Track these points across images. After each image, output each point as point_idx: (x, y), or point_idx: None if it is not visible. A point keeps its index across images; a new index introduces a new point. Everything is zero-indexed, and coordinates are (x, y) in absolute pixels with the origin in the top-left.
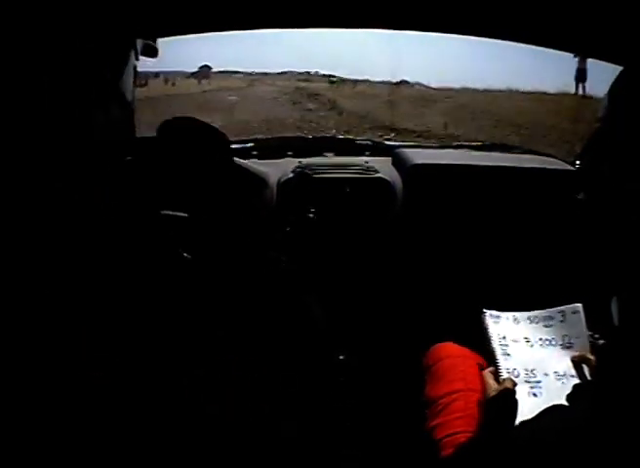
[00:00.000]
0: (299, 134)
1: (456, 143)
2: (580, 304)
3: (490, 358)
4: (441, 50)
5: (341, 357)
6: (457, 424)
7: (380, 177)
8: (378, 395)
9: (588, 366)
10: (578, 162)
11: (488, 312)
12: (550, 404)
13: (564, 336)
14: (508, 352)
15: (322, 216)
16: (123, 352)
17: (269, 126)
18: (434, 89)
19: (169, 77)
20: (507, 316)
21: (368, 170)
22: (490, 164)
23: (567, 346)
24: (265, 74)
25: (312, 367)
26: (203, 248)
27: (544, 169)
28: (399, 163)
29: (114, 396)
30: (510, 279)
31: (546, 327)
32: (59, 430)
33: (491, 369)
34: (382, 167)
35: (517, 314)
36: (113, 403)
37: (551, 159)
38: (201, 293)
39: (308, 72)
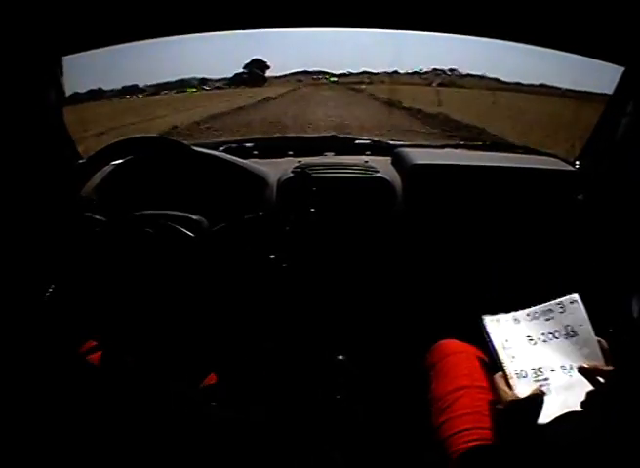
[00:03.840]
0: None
1: (456, 143)
2: (576, 294)
3: (495, 362)
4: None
5: (341, 357)
6: (464, 421)
7: (379, 177)
8: (382, 394)
9: (602, 376)
10: (578, 162)
11: (487, 317)
12: (560, 400)
13: (566, 326)
14: (513, 354)
15: (322, 216)
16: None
17: None
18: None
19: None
20: (507, 318)
21: (368, 169)
22: (490, 164)
23: (571, 335)
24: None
25: (312, 366)
26: (205, 247)
27: (544, 169)
28: (399, 162)
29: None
30: (510, 279)
31: (547, 320)
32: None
33: (501, 373)
34: (382, 166)
35: (516, 314)
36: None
37: (551, 159)
38: (202, 290)
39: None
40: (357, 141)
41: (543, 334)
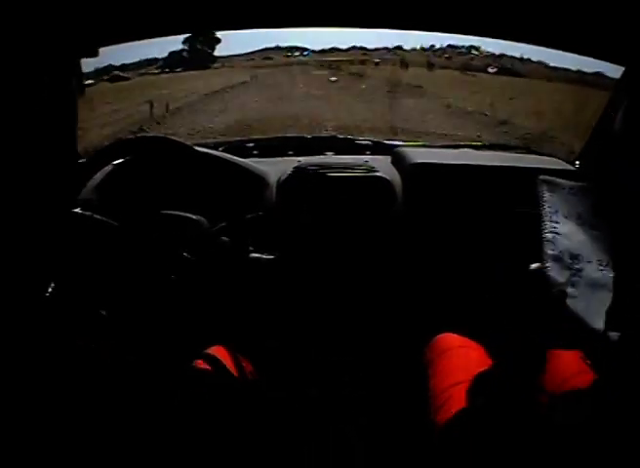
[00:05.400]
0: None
1: (456, 143)
2: None
3: (540, 233)
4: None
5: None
6: None
7: (379, 176)
8: (382, 391)
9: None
10: (578, 162)
11: (544, 178)
12: (583, 297)
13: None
14: (558, 231)
15: (321, 215)
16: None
17: None
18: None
19: None
20: (564, 184)
21: (368, 169)
22: (490, 164)
23: (619, 230)
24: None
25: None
26: (204, 248)
27: (545, 169)
28: (399, 162)
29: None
30: (510, 278)
31: (596, 204)
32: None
33: (538, 264)
34: (382, 166)
35: (573, 184)
36: None
37: (552, 159)
38: (200, 292)
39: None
40: (357, 141)
41: (594, 218)
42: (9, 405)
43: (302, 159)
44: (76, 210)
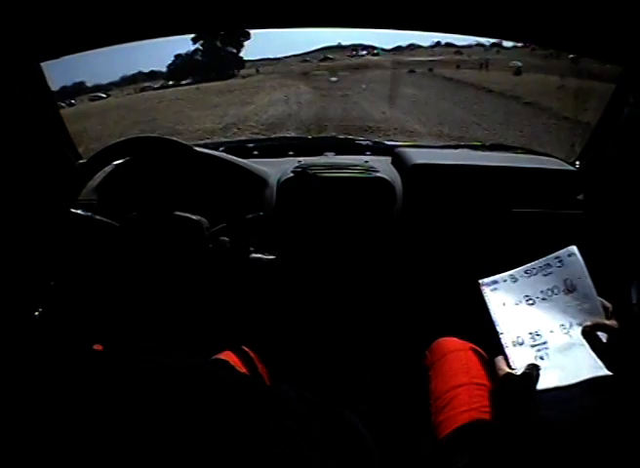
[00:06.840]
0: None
1: (456, 143)
2: (574, 246)
3: (492, 331)
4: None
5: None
6: (462, 419)
7: (379, 177)
8: (383, 394)
9: (606, 331)
10: (578, 162)
11: (484, 281)
12: (557, 364)
13: (565, 280)
14: (510, 320)
15: (322, 216)
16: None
17: None
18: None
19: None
20: (504, 277)
21: (368, 169)
22: (490, 164)
23: (570, 290)
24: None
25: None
26: (204, 248)
27: (544, 169)
28: (399, 162)
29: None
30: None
31: (545, 275)
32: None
33: (501, 356)
34: (382, 166)
35: (514, 272)
36: None
37: (551, 159)
38: (200, 292)
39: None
40: (357, 141)
41: (542, 292)
42: (7, 405)
43: (303, 159)
44: (76, 211)
